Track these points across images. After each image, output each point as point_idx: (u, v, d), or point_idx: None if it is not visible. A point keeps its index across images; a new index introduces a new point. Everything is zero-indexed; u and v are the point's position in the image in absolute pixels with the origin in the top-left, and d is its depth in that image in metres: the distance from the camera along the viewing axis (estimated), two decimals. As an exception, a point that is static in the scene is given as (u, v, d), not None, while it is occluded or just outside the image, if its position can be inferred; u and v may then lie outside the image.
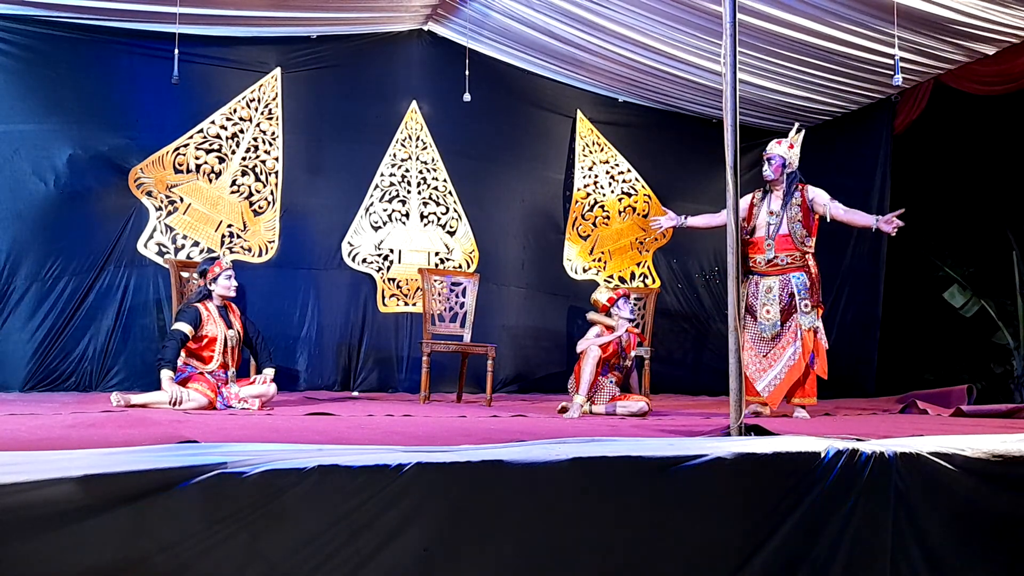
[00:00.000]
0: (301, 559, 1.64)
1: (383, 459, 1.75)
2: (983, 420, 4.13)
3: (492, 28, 6.23)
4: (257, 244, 6.04)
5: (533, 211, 6.93)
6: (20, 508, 1.46)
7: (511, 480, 1.82)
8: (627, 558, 1.90)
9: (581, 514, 1.88)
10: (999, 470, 2.32)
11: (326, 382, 6.10)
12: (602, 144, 7.19)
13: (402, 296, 6.39)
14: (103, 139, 5.66)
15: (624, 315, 4.64)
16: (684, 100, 7.01)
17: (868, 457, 2.17)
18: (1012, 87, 5.51)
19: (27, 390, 5.27)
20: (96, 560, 1.51)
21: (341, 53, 6.34)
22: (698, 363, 7.26)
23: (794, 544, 2.04)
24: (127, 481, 1.54)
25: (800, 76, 6.19)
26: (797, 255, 4.47)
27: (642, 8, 5.40)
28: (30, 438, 2.19)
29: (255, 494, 1.62)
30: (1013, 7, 4.92)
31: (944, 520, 2.22)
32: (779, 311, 4.44)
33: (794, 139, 4.61)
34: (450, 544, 1.76)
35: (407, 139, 6.54)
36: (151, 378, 4.72)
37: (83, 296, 5.53)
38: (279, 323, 5.93)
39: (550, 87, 6.99)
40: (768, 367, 4.44)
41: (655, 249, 7.31)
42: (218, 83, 6.04)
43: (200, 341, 4.32)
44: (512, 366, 6.64)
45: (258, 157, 6.10)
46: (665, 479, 1.97)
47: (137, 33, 5.73)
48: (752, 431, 2.58)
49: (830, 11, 5.13)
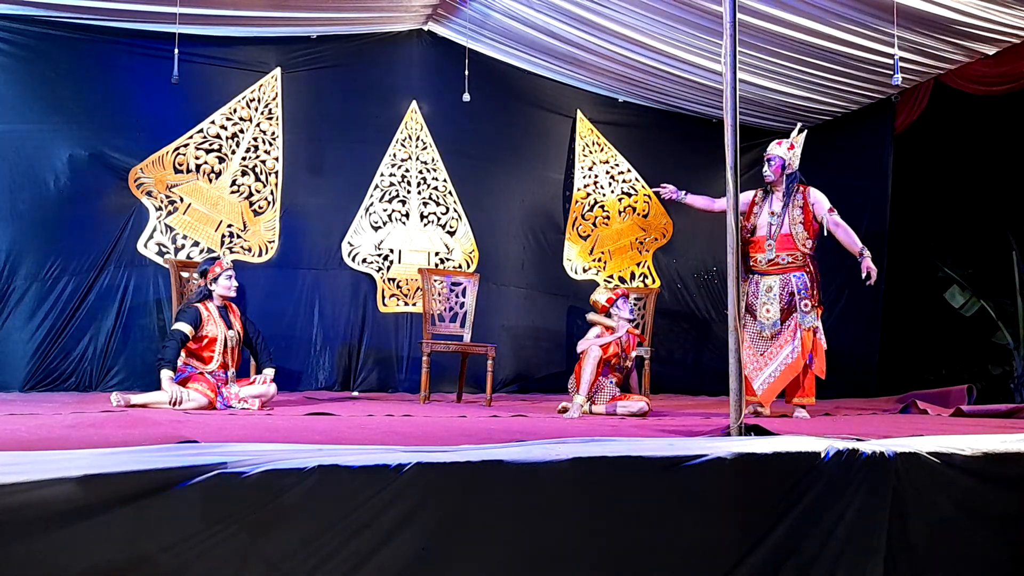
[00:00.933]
0: (301, 559, 1.64)
1: (383, 459, 1.75)
2: (983, 420, 4.13)
3: (492, 28, 6.23)
4: (257, 244, 6.04)
5: (533, 211, 6.93)
6: (20, 508, 1.46)
7: (511, 480, 1.82)
8: (627, 557, 1.90)
9: (581, 514, 1.88)
10: (998, 470, 2.32)
11: (326, 382, 6.10)
12: (602, 144, 7.19)
13: (402, 296, 6.39)
14: (103, 139, 5.66)
15: (624, 315, 4.64)
16: (684, 100, 7.01)
17: (868, 457, 2.17)
18: (1012, 87, 5.51)
19: (27, 390, 5.27)
20: (96, 560, 1.51)
21: (341, 53, 6.34)
22: (698, 363, 7.26)
23: (794, 544, 2.04)
24: (127, 481, 1.54)
25: (800, 76, 6.19)
26: (798, 255, 4.48)
27: (642, 8, 5.40)
28: (30, 438, 2.19)
29: (255, 494, 1.62)
30: (1013, 7, 4.92)
31: (944, 520, 2.22)
32: (779, 310, 4.45)
33: (795, 140, 4.60)
34: (450, 544, 1.76)
35: (407, 139, 6.54)
36: (151, 378, 4.72)
37: (83, 296, 5.53)
38: (279, 323, 5.92)
39: (550, 87, 6.99)
40: (764, 365, 4.45)
41: (655, 249, 7.31)
42: (218, 83, 6.04)
43: (200, 341, 4.32)
44: (512, 366, 6.64)
45: (258, 157, 6.10)
46: (665, 479, 1.97)
47: (137, 33, 5.74)
48: (752, 431, 2.58)
49: (830, 11, 5.13)
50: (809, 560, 2.04)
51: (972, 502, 2.26)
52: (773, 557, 2.01)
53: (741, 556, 1.98)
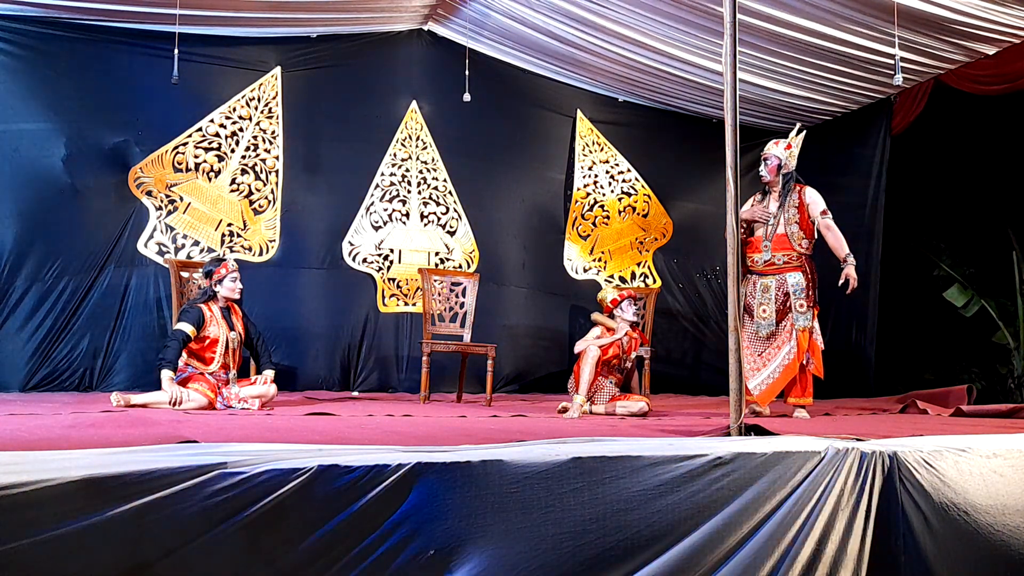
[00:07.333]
0: (301, 559, 1.64)
1: (383, 459, 1.75)
2: (983, 420, 4.13)
3: (492, 28, 6.23)
4: (257, 243, 6.04)
5: (533, 211, 6.93)
6: (20, 508, 1.46)
7: (511, 480, 1.82)
8: (627, 557, 1.90)
9: (581, 514, 1.88)
10: (996, 469, 2.32)
11: (326, 382, 6.10)
12: (602, 144, 7.19)
13: (402, 296, 6.39)
14: (103, 139, 5.66)
15: (627, 317, 4.62)
16: (684, 100, 7.01)
17: (868, 457, 2.17)
18: (1012, 87, 5.51)
19: (27, 390, 5.27)
20: (96, 560, 1.51)
21: (341, 53, 6.34)
22: (698, 363, 7.26)
23: (793, 543, 2.04)
24: (127, 481, 1.54)
25: (800, 75, 6.19)
26: (794, 255, 4.47)
27: (642, 8, 5.40)
28: (30, 438, 2.19)
29: (255, 494, 1.62)
30: (1013, 7, 4.92)
31: (944, 519, 2.22)
32: (774, 311, 4.45)
33: (793, 140, 4.60)
34: (450, 544, 1.76)
35: (407, 139, 6.54)
36: (151, 378, 4.72)
37: (83, 296, 5.53)
38: (279, 322, 5.92)
39: (550, 87, 6.99)
40: (762, 366, 4.45)
41: (655, 249, 7.31)
42: (218, 82, 6.04)
43: (202, 342, 4.32)
44: (512, 366, 6.64)
45: (258, 156, 6.10)
46: (664, 479, 1.97)
47: (137, 33, 5.74)
48: (752, 431, 2.58)
49: (830, 10, 5.13)
50: (809, 559, 2.04)
51: (972, 501, 2.26)
52: (780, 557, 2.01)
53: (734, 552, 1.99)
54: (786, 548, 2.03)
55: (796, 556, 2.03)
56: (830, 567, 2.06)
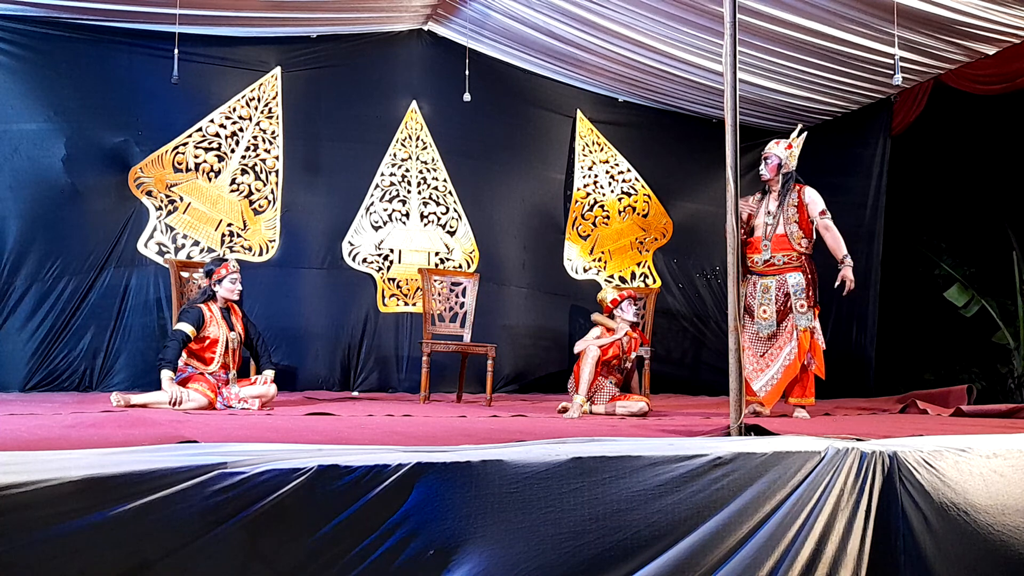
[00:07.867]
0: (301, 559, 1.64)
1: (383, 459, 1.75)
2: (983, 420, 4.13)
3: (492, 28, 6.23)
4: (258, 243, 6.04)
5: (533, 211, 6.93)
6: (20, 508, 1.46)
7: (511, 480, 1.82)
8: (627, 557, 1.90)
9: (581, 514, 1.88)
10: (996, 469, 2.32)
11: (326, 382, 6.10)
12: (602, 144, 7.19)
13: (402, 296, 6.39)
14: (103, 139, 5.66)
15: (628, 317, 4.62)
16: (684, 100, 7.01)
17: (868, 457, 2.17)
18: (1011, 87, 5.51)
19: (27, 390, 5.27)
20: (96, 560, 1.51)
21: (341, 53, 6.34)
22: (698, 363, 7.26)
23: (793, 542, 2.04)
24: (127, 481, 1.54)
25: (800, 75, 6.19)
26: (794, 255, 4.47)
27: (642, 8, 5.40)
28: (30, 438, 2.19)
29: (255, 494, 1.62)
30: (1013, 7, 4.92)
31: (944, 519, 2.22)
32: (775, 311, 4.45)
33: (794, 140, 4.60)
34: (450, 544, 1.76)
35: (407, 139, 6.54)
36: (151, 378, 4.72)
37: (83, 296, 5.53)
38: (279, 322, 5.92)
39: (550, 87, 6.99)
40: (765, 367, 4.45)
41: (655, 249, 7.31)
42: (218, 82, 6.04)
43: (202, 342, 4.32)
44: (512, 366, 6.63)
45: (258, 156, 6.10)
46: (664, 479, 1.97)
47: (137, 33, 5.74)
48: (752, 431, 2.58)
49: (830, 10, 5.13)
50: (809, 559, 2.04)
51: (972, 501, 2.26)
52: (772, 556, 2.01)
53: (734, 552, 1.99)
54: (786, 548, 2.03)
55: (796, 556, 2.03)
56: (830, 567, 2.06)
